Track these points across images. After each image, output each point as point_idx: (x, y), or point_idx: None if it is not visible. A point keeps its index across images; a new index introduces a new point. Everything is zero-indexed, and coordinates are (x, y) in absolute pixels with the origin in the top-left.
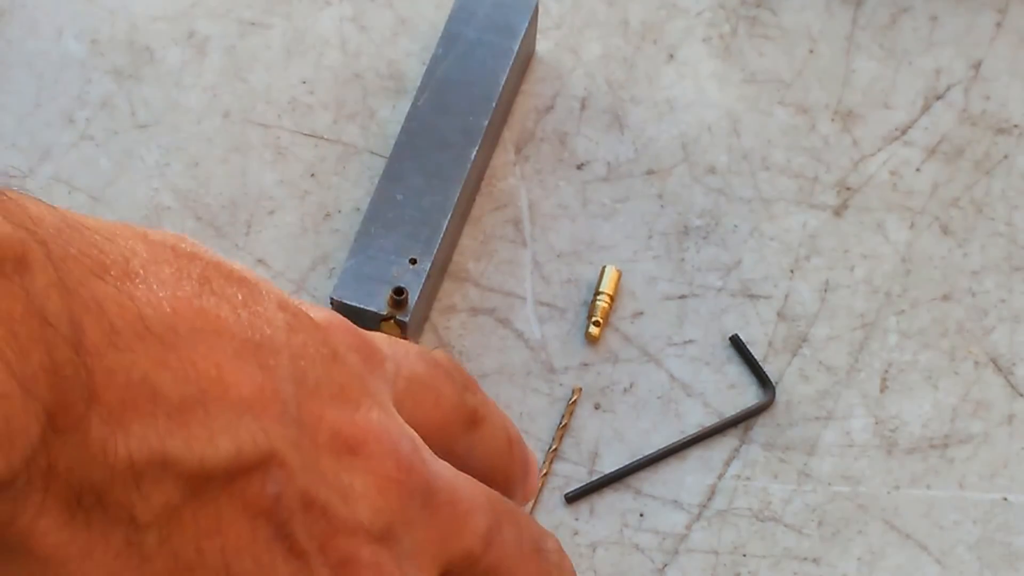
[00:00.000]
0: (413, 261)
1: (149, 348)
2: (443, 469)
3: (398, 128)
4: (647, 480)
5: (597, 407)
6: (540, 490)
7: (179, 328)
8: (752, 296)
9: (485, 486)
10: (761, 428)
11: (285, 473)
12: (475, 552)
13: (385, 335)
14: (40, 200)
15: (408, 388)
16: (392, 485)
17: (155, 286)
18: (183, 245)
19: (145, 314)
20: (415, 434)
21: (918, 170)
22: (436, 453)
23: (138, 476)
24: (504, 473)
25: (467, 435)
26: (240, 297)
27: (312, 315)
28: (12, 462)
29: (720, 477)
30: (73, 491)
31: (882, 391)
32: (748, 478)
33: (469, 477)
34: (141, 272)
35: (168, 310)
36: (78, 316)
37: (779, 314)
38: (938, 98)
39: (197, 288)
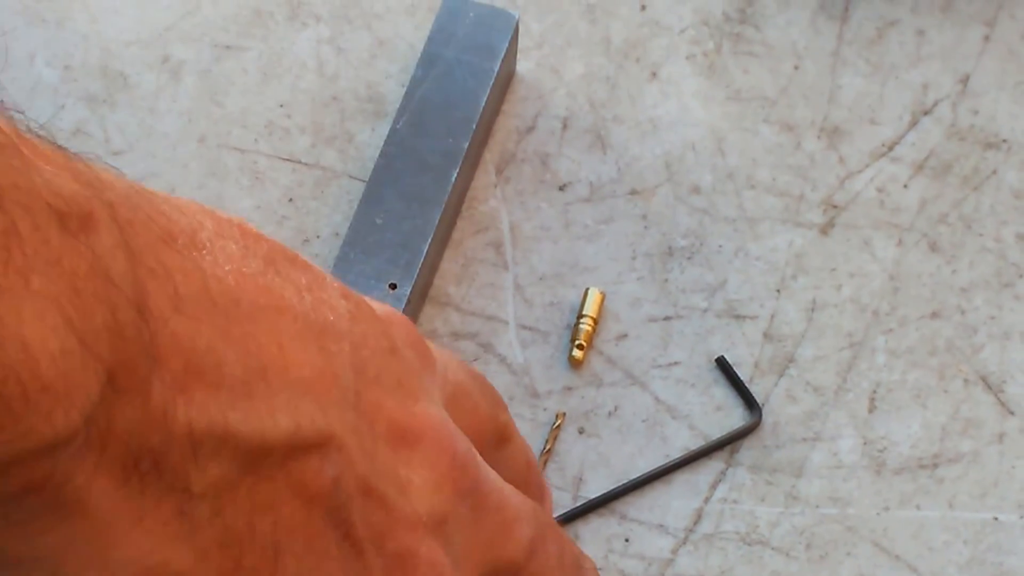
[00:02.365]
0: (393, 286)
1: (214, 319)
2: (493, 475)
3: (377, 151)
4: (632, 505)
5: (581, 431)
6: None
7: (243, 303)
8: (738, 317)
9: (529, 499)
10: (748, 450)
11: (344, 458)
12: (518, 561)
13: (429, 339)
14: (110, 166)
15: (453, 393)
16: (448, 482)
17: (221, 259)
18: (248, 226)
19: (211, 285)
20: (465, 436)
21: (905, 186)
22: None
23: (196, 445)
24: (526, 490)
25: (496, 451)
26: (304, 281)
27: (373, 307)
28: (71, 419)
29: (706, 501)
30: (130, 454)
31: (870, 411)
32: (735, 501)
33: (514, 488)
34: (208, 244)
35: (233, 284)
36: (143, 279)
37: (765, 335)
38: (925, 113)
39: (262, 267)
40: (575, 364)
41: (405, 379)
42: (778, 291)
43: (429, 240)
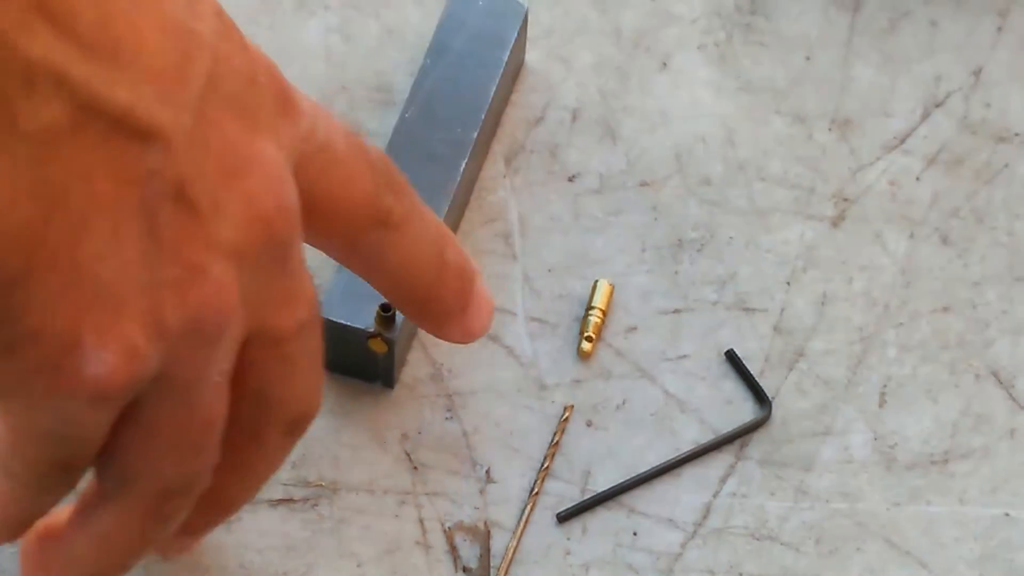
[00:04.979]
0: None
1: None
2: (299, 247)
3: (385, 141)
4: (641, 498)
5: (589, 424)
6: (531, 509)
7: None
8: (748, 309)
9: (311, 290)
10: (757, 444)
11: (168, 157)
12: (284, 336)
13: (311, 98)
14: None
15: (317, 155)
16: (261, 225)
17: None
18: None
19: None
20: (298, 197)
21: (917, 179)
22: (334, 240)
23: (32, 81)
24: (426, 294)
25: (375, 233)
26: None
27: (247, 41)
28: None
29: (715, 495)
30: None
31: (881, 406)
32: (744, 495)
33: (309, 276)
34: None
35: None
36: None
37: (775, 328)
38: (938, 106)
39: None
40: (584, 356)
41: (255, 111)
42: (788, 284)
43: None
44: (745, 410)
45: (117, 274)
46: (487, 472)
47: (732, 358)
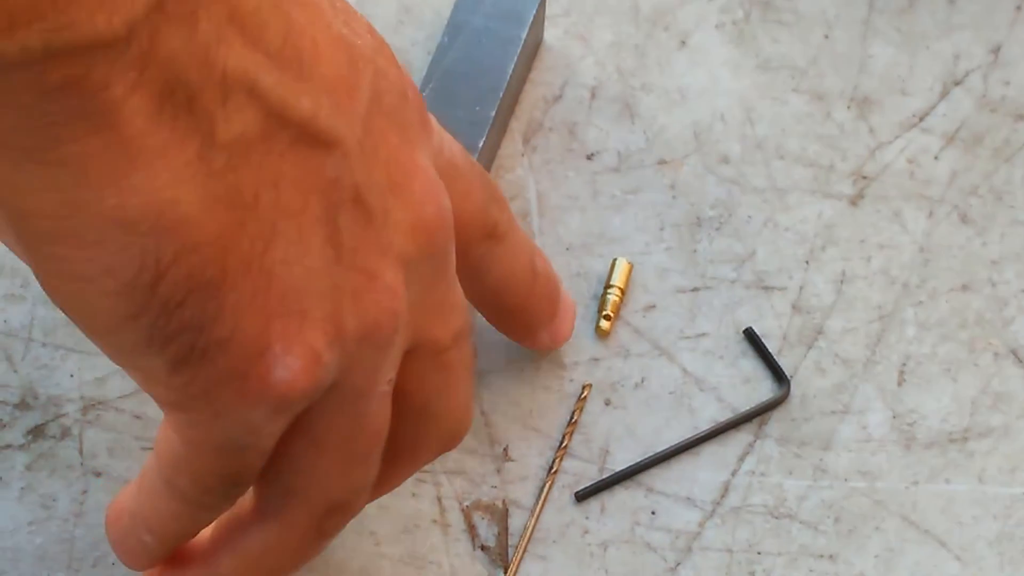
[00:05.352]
0: None
1: None
2: (454, 257)
3: None
4: (659, 477)
5: (608, 403)
6: (549, 488)
7: None
8: (766, 288)
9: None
10: (776, 423)
11: (346, 164)
12: (443, 345)
13: None
14: None
15: (446, 169)
16: (424, 232)
17: None
18: None
19: None
20: (451, 207)
21: (936, 158)
22: None
23: (228, 92)
24: (522, 303)
25: (484, 245)
26: (339, 5)
27: (397, 62)
28: (113, 23)
29: (734, 473)
30: (168, 83)
31: (900, 384)
32: (763, 474)
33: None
34: None
35: None
36: None
37: (794, 306)
38: (956, 84)
39: None
40: (602, 335)
41: (408, 125)
42: (807, 262)
43: None
44: (763, 389)
45: (302, 280)
46: (505, 451)
47: (751, 336)
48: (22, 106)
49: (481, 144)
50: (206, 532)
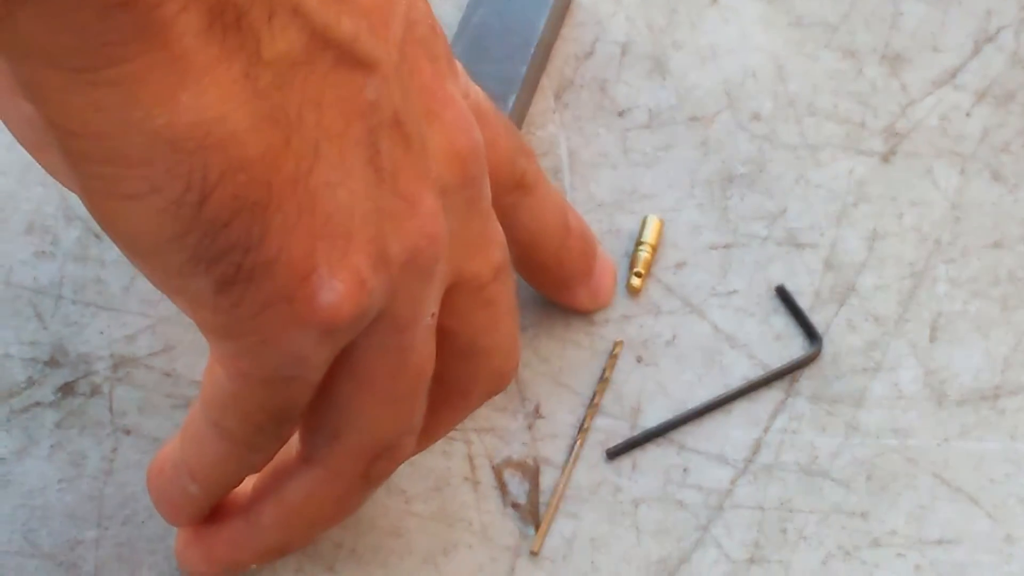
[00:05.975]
0: None
1: None
2: (488, 190)
3: None
4: (691, 435)
5: (639, 360)
6: (580, 446)
7: None
8: (798, 245)
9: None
10: (808, 380)
11: (385, 87)
12: (484, 279)
13: None
14: None
15: (473, 111)
16: (458, 161)
17: None
18: None
19: None
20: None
21: (968, 115)
22: None
23: (273, 9)
24: (554, 258)
25: (512, 195)
26: None
27: None
28: None
29: (766, 431)
30: (218, 1)
31: (931, 341)
32: (794, 432)
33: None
34: None
35: None
36: None
37: (826, 263)
38: (988, 40)
39: None
40: (633, 292)
41: (439, 58)
42: (839, 219)
43: None
44: (795, 346)
45: (346, 203)
46: (536, 408)
47: (782, 294)
48: (80, 26)
49: (512, 100)
50: (247, 486)
